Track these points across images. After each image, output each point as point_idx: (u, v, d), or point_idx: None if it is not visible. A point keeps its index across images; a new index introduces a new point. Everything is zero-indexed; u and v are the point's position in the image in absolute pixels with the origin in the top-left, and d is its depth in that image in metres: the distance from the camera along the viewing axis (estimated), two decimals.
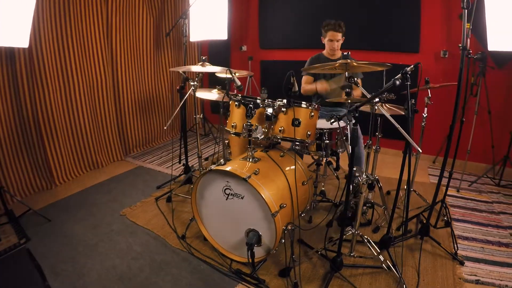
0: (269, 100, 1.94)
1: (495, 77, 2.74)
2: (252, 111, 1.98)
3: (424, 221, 2.04)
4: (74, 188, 2.79)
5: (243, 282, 1.75)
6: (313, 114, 1.88)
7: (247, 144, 2.57)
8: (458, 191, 2.72)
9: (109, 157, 3.36)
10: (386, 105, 2.03)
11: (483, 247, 1.99)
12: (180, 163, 3.09)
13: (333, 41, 2.51)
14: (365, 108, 2.25)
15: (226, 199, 1.82)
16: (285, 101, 1.90)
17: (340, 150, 2.20)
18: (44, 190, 2.75)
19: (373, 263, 1.87)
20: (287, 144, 2.14)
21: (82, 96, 2.96)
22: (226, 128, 2.16)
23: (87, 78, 2.99)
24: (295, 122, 1.83)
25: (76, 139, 2.97)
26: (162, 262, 1.91)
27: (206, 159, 3.49)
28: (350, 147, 1.59)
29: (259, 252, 1.80)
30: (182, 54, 4.08)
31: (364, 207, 2.23)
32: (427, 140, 3.08)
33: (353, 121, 1.48)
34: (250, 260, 1.72)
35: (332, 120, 1.70)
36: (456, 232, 2.13)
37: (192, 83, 2.35)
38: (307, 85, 2.69)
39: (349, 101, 1.87)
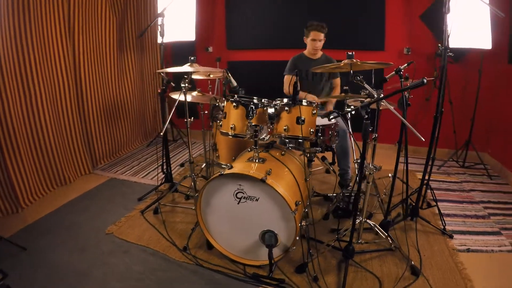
0: (267, 100, 2.02)
1: (453, 71, 3.19)
2: (254, 112, 2.03)
3: (414, 204, 2.31)
4: (44, 209, 2.52)
5: (263, 285, 1.78)
6: (314, 111, 2.00)
7: (236, 146, 2.64)
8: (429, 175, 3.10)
9: (77, 171, 3.10)
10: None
11: (464, 221, 2.32)
12: (164, 172, 2.99)
13: (315, 41, 2.67)
14: (355, 103, 2.47)
15: (238, 203, 1.82)
16: (285, 100, 1.99)
17: (334, 145, 2.36)
18: (9, 214, 2.44)
19: (376, 247, 2.05)
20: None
21: (44, 105, 2.68)
22: (222, 130, 2.16)
23: (49, 84, 2.72)
24: (300, 120, 1.93)
25: (40, 154, 2.69)
26: (170, 279, 1.84)
27: (182, 165, 3.40)
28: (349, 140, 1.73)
29: (275, 252, 1.84)
30: (146, 57, 3.94)
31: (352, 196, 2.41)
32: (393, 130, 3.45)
33: (366, 116, 1.62)
34: (272, 261, 1.76)
35: (331, 117, 1.85)
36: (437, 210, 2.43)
37: (182, 85, 2.30)
38: (287, 84, 2.81)
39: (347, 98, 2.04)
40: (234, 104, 2.07)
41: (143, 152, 3.87)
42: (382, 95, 1.80)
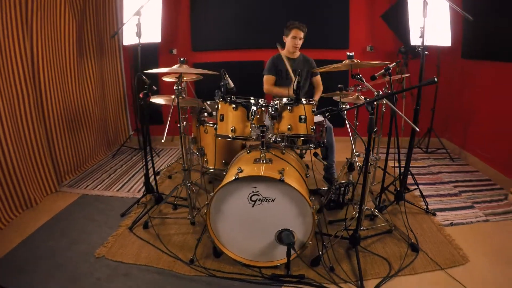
0: (263, 99, 2.10)
1: (414, 66, 3.63)
2: (255, 113, 2.10)
3: (399, 189, 2.60)
4: (14, 238, 2.23)
5: (285, 285, 1.84)
6: (314, 109, 2.14)
7: (226, 149, 2.67)
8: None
9: (42, 190, 2.80)
10: (361, 96, 2.49)
11: (441, 200, 2.69)
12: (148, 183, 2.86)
13: (296, 38, 2.82)
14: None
15: (253, 206, 1.85)
16: (284, 100, 2.10)
17: (325, 141, 2.54)
18: None
19: (374, 232, 2.27)
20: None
21: (2, 116, 2.39)
22: (219, 133, 2.18)
23: (5, 93, 2.42)
24: (302, 119, 2.05)
25: (1, 173, 2.39)
26: None
27: (158, 173, 3.29)
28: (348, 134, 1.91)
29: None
30: (106, 61, 3.72)
31: (343, 188, 2.62)
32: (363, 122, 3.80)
33: (371, 112, 1.81)
34: (290, 258, 1.84)
35: (328, 114, 2.03)
36: (417, 193, 2.77)
37: (175, 88, 2.25)
38: (276, 87, 2.92)
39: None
40: (233, 106, 2.11)
41: (110, 163, 3.65)
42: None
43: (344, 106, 2.40)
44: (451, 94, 3.71)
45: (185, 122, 2.79)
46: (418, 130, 1.89)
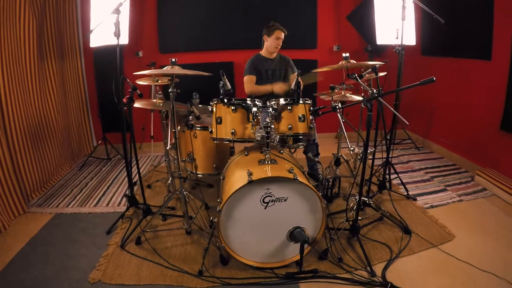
0: (258, 100, 2.17)
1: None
2: (256, 114, 2.15)
3: (381, 179, 2.86)
4: None
5: (301, 282, 1.92)
6: (311, 108, 2.26)
7: (216, 153, 2.68)
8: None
9: (9, 213, 2.51)
10: (348, 93, 2.69)
11: (417, 186, 3.01)
12: (130, 194, 2.72)
13: (279, 39, 2.92)
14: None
15: (265, 208, 1.88)
16: (282, 100, 2.19)
17: (315, 138, 2.69)
18: None
19: (367, 220, 2.47)
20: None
21: None
22: (218, 137, 2.19)
23: None
24: (302, 118, 2.16)
25: None
26: None
27: (149, 186, 3.15)
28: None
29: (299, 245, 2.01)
30: (67, 64, 3.44)
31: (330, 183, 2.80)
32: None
33: (370, 109, 1.98)
34: (303, 255, 1.93)
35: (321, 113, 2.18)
36: (394, 182, 3.07)
37: (170, 91, 2.18)
38: (258, 86, 2.98)
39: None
40: (232, 108, 2.14)
41: (77, 176, 3.38)
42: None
43: (337, 104, 2.57)
44: (413, 89, 4.13)
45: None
46: (408, 123, 2.11)
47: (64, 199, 2.91)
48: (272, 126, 2.05)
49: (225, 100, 2.13)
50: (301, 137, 2.27)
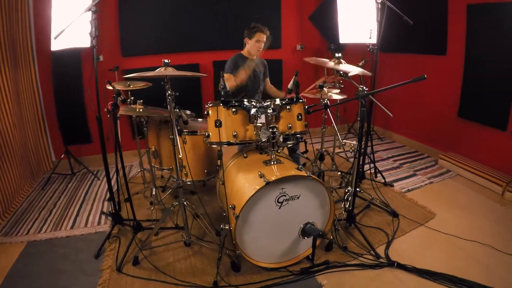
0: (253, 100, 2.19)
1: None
2: (258, 115, 2.19)
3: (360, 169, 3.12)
4: None
5: (317, 274, 2.02)
6: (306, 107, 2.37)
7: (206, 157, 2.65)
8: (340, 147, 4.11)
9: None
10: (333, 91, 2.87)
11: (390, 173, 3.34)
12: (114, 210, 2.54)
13: (260, 42, 2.95)
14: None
15: (279, 208, 1.94)
16: (278, 100, 2.26)
17: (302, 136, 2.79)
18: None
19: (357, 210, 2.68)
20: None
21: None
22: (220, 140, 2.17)
23: None
24: (299, 117, 2.27)
25: None
26: None
27: (127, 200, 2.95)
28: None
29: (310, 240, 2.10)
30: (20, 72, 3.07)
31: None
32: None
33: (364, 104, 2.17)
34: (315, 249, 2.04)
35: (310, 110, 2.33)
36: (369, 172, 3.36)
37: (170, 93, 2.08)
38: (237, 77, 2.91)
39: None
40: (233, 110, 2.14)
41: (42, 197, 3.04)
42: None
43: (324, 100, 2.73)
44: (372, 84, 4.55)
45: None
46: (392, 116, 2.35)
47: (33, 224, 2.60)
48: (277, 126, 2.12)
49: (225, 102, 2.12)
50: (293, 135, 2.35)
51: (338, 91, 2.97)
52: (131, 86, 2.94)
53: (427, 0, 3.48)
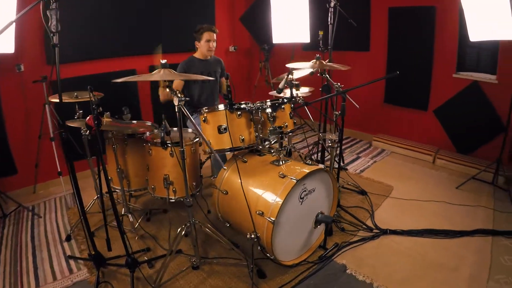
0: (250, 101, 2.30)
1: (272, 62, 4.60)
2: (260, 116, 2.28)
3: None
4: None
5: (334, 257, 2.27)
6: (293, 105, 2.55)
7: (193, 167, 2.55)
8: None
9: None
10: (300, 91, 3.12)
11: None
12: (94, 251, 2.20)
13: (210, 41, 2.94)
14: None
15: (301, 204, 2.09)
16: (269, 102, 2.40)
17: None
18: None
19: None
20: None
21: None
22: (225, 147, 2.17)
23: None
24: (291, 115, 2.46)
25: None
26: None
27: (68, 238, 2.55)
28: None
29: (322, 227, 2.35)
30: None
31: None
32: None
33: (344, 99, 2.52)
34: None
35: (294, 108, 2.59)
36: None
37: (178, 96, 1.90)
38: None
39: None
40: (238, 113, 2.16)
41: None
42: None
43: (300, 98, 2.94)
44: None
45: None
46: (358, 107, 2.80)
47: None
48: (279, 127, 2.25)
49: (231, 105, 2.13)
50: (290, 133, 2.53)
51: (307, 89, 3.22)
52: (79, 97, 2.55)
53: (352, 3, 4.11)
